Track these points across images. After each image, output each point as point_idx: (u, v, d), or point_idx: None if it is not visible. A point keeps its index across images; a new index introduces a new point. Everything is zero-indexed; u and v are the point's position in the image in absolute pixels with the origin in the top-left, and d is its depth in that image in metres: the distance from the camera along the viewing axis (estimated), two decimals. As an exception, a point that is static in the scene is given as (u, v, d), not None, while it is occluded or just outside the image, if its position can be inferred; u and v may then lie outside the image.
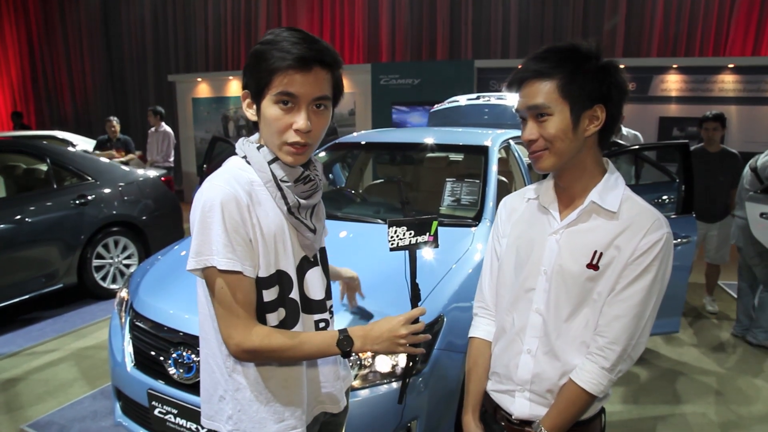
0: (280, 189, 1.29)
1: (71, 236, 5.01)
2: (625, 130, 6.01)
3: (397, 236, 1.42)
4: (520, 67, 1.33)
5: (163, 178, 6.03)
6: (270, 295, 1.30)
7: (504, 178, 3.75)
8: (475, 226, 2.96)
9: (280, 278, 1.31)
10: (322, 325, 1.42)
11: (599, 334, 1.30)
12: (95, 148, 8.44)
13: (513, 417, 1.43)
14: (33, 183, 5.21)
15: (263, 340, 1.24)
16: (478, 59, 10.07)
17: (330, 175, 5.44)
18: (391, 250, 1.42)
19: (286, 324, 1.33)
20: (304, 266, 1.37)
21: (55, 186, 5.10)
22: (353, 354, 1.33)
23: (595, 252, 1.29)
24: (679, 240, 3.49)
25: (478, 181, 3.31)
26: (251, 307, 1.26)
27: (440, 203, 3.32)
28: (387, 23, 11.15)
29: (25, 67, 14.74)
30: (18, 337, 4.51)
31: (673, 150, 3.97)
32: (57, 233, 4.91)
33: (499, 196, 3.23)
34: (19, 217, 4.67)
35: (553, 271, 1.34)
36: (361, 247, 2.90)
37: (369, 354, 2.09)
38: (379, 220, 3.16)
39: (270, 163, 1.29)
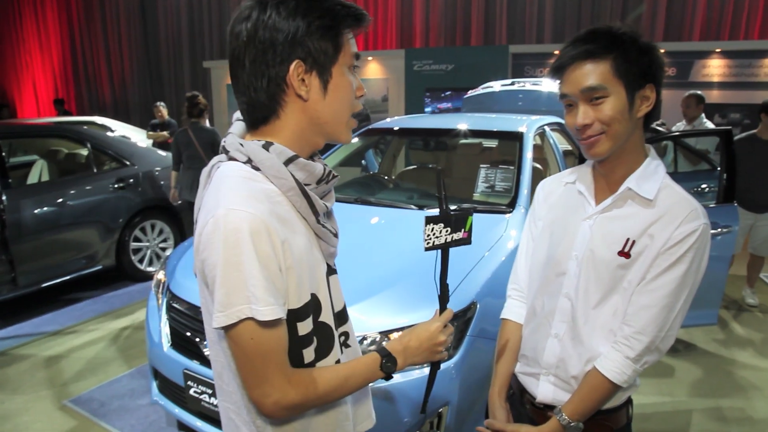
0: (307, 196, 1.05)
1: (110, 219, 5.14)
2: (705, 124, 5.79)
3: (434, 234, 1.25)
4: (558, 52, 1.29)
5: (198, 163, 6.12)
6: (305, 327, 1.07)
7: (539, 165, 3.70)
8: (509, 213, 2.93)
9: (314, 304, 1.09)
10: (343, 338, 1.22)
11: (626, 323, 1.27)
12: (148, 131, 8.82)
13: (536, 400, 1.43)
14: (74, 167, 5.35)
15: (308, 390, 1.03)
16: (512, 44, 9.90)
17: (363, 161, 5.45)
18: (427, 249, 1.26)
19: (321, 353, 1.12)
20: (328, 279, 1.16)
21: (95, 170, 5.23)
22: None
23: (628, 239, 1.27)
24: (719, 230, 3.40)
25: (512, 167, 3.28)
26: (285, 354, 1.02)
27: (474, 190, 3.30)
28: (421, 8, 11.04)
29: (66, 54, 15.10)
30: (60, 317, 4.66)
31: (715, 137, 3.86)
32: (97, 216, 5.05)
33: (534, 183, 3.19)
34: (61, 200, 4.81)
35: (584, 256, 1.33)
36: (394, 232, 2.90)
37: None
38: (413, 206, 3.15)
39: (286, 164, 1.03)
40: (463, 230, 1.28)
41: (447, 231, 1.26)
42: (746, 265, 5.14)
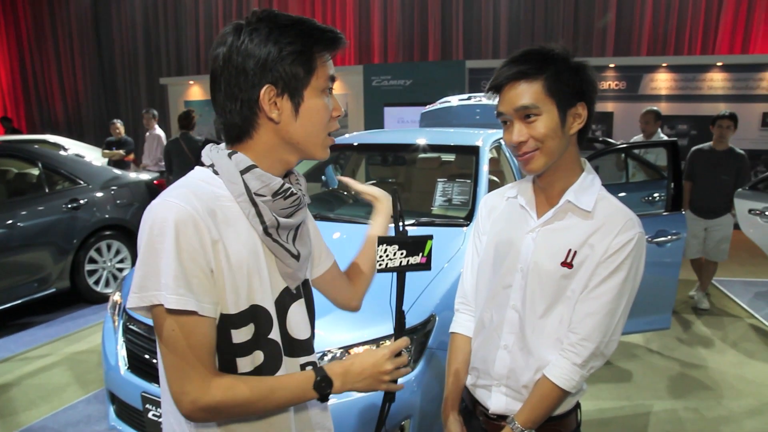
0: (255, 204, 1.06)
1: (63, 240, 5.00)
2: (657, 136, 6.01)
3: (387, 255, 1.23)
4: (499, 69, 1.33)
5: (155, 181, 6.03)
6: (242, 335, 1.07)
7: (495, 178, 3.77)
8: (467, 225, 2.98)
9: (255, 315, 1.08)
10: (309, 368, 1.18)
11: (572, 330, 1.32)
12: (104, 149, 8.75)
13: (490, 411, 1.45)
14: (25, 187, 5.19)
15: (226, 394, 1.01)
16: (469, 60, 10.10)
17: (323, 177, 5.46)
18: (379, 271, 1.24)
19: (264, 370, 1.11)
20: (285, 300, 1.14)
21: (47, 190, 5.09)
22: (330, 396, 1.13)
23: (570, 250, 1.32)
24: (669, 237, 3.52)
25: (469, 181, 3.33)
26: (209, 354, 1.02)
27: (432, 203, 3.34)
28: (379, 24, 11.17)
29: (15, 70, 14.67)
30: (10, 343, 4.49)
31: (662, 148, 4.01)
32: (49, 237, 4.90)
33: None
34: (10, 221, 4.65)
35: (529, 268, 1.36)
36: (354, 248, 2.91)
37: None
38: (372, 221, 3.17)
39: (243, 172, 1.06)
40: (421, 254, 1.25)
41: (402, 254, 1.23)
42: (700, 270, 5.34)
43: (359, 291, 1.47)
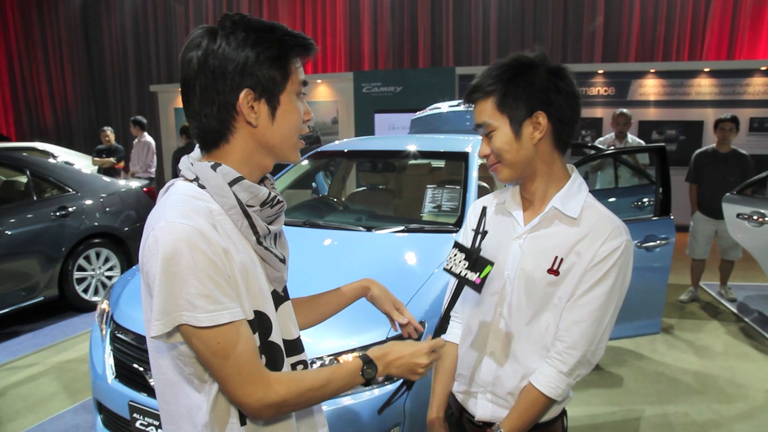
0: (248, 216, 1.08)
1: (52, 248, 4.96)
2: (630, 138, 6.16)
3: (454, 260, 1.30)
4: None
5: (145, 189, 6.00)
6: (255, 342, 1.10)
7: (485, 184, 3.78)
8: (456, 231, 2.98)
9: (259, 321, 1.10)
10: (300, 367, 1.22)
11: (558, 338, 1.31)
12: (94, 156, 8.76)
13: (476, 418, 1.45)
14: (12, 195, 5.15)
15: (289, 388, 1.05)
16: (459, 66, 10.15)
17: (313, 184, 5.46)
18: (444, 270, 1.33)
19: None
20: (276, 303, 1.17)
21: (35, 198, 5.05)
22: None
23: (556, 257, 1.31)
24: (658, 242, 3.54)
25: (458, 187, 3.33)
26: (256, 352, 1.05)
27: (422, 210, 3.34)
28: (369, 31, 11.21)
29: (4, 77, 14.57)
30: (-3, 352, 4.44)
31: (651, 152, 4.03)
32: (37, 245, 4.86)
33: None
34: (-3, 230, 4.61)
35: (515, 275, 1.36)
36: (345, 254, 2.90)
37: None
38: (361, 228, 3.17)
39: (231, 184, 1.06)
40: (478, 275, 1.27)
41: (464, 265, 1.29)
42: (718, 268, 5.61)
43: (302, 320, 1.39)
